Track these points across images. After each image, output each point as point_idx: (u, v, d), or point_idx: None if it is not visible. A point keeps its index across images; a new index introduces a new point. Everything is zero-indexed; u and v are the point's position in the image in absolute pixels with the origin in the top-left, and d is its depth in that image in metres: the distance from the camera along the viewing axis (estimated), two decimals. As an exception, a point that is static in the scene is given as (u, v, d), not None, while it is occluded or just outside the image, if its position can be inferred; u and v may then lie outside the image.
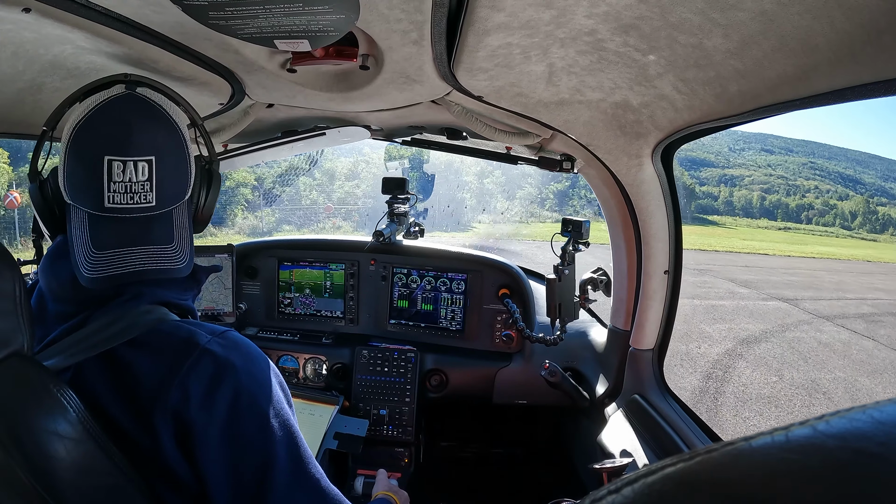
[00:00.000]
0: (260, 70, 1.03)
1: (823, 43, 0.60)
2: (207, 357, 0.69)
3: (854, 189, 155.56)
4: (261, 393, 0.71)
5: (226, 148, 1.79)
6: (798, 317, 10.36)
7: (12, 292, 0.62)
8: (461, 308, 2.01)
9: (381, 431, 1.87)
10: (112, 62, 0.97)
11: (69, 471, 0.61)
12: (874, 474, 0.17)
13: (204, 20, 0.76)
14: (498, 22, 0.75)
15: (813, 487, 0.17)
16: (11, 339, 0.61)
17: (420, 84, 1.08)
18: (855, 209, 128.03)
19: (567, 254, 1.66)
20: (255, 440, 0.69)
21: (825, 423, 0.19)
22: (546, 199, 41.34)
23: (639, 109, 1.07)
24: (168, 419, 0.66)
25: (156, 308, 0.74)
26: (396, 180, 1.99)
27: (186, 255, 0.74)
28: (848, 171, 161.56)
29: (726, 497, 0.19)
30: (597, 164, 1.44)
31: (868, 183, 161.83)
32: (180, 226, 0.75)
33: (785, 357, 7.52)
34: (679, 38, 0.73)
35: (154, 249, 0.72)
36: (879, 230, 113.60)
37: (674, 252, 1.46)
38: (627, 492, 0.21)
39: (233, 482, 0.68)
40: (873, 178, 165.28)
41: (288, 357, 1.99)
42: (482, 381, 1.94)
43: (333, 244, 2.11)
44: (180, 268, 0.73)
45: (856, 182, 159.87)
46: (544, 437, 2.32)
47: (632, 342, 1.62)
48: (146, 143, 0.72)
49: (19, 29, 0.79)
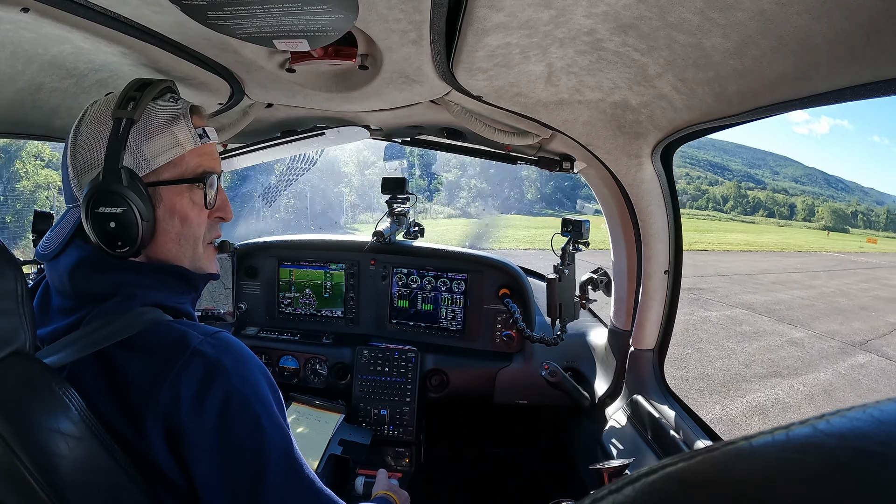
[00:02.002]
0: (259, 70, 1.03)
1: (822, 43, 0.60)
2: (198, 358, 0.68)
3: (722, 175, 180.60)
4: (252, 395, 0.70)
5: (225, 148, 1.79)
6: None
7: (14, 291, 0.62)
8: (461, 308, 2.01)
9: (382, 431, 1.87)
10: (111, 62, 0.97)
11: (72, 468, 0.61)
12: (875, 473, 0.17)
13: (203, 20, 0.76)
14: (497, 22, 0.75)
15: (813, 486, 0.17)
16: (13, 338, 0.62)
17: (419, 84, 1.08)
18: (726, 193, 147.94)
19: (567, 254, 1.66)
20: (247, 442, 0.68)
21: (825, 422, 0.19)
22: (435, 192, 36.95)
23: (638, 109, 1.07)
24: (159, 421, 0.66)
25: (150, 309, 0.74)
26: (396, 180, 1.99)
27: (52, 247, 0.77)
28: (716, 160, 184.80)
29: (727, 496, 0.19)
30: (596, 163, 1.44)
31: (735, 170, 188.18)
32: (67, 222, 0.78)
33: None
34: (678, 37, 0.73)
35: (46, 236, 0.80)
36: (751, 212, 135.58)
37: (674, 252, 1.46)
38: (629, 491, 0.21)
39: (225, 484, 0.67)
40: (740, 165, 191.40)
41: (288, 357, 1.99)
42: (483, 381, 1.94)
43: (334, 244, 2.11)
44: (43, 254, 0.77)
45: (724, 169, 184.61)
46: (545, 438, 2.32)
47: (632, 342, 1.62)
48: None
49: (18, 29, 0.79)
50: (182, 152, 0.78)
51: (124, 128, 0.73)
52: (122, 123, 0.73)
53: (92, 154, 0.75)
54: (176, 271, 0.80)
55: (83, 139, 0.75)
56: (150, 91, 0.76)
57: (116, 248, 0.74)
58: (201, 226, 0.83)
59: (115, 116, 0.73)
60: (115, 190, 0.72)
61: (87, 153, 0.75)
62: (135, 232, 0.74)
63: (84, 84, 1.05)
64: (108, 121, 0.74)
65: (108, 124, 0.74)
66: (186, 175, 0.80)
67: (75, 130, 0.76)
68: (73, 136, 0.76)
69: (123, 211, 0.72)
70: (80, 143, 0.75)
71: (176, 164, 0.78)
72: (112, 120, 0.74)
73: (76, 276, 0.73)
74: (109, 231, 0.73)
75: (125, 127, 0.73)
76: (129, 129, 0.74)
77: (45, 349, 0.69)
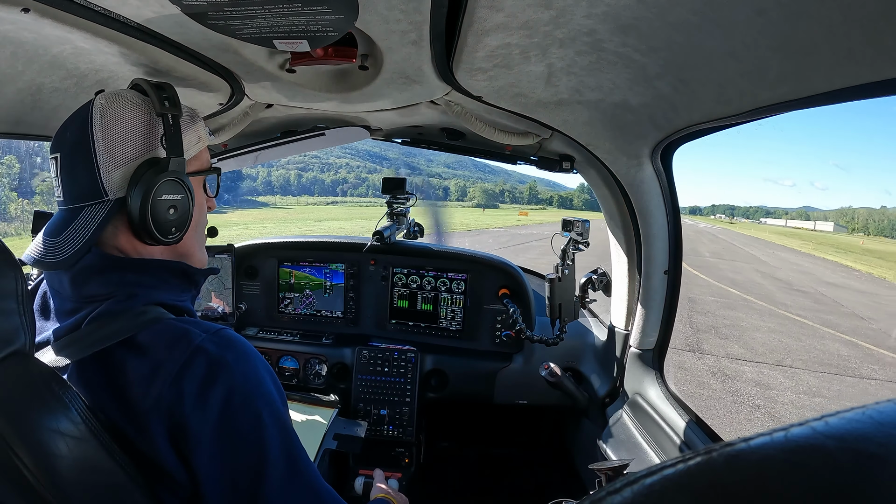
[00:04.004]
0: (259, 70, 1.03)
1: (822, 43, 0.60)
2: (201, 355, 0.68)
3: (381, 164, 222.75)
4: (255, 391, 0.71)
5: (225, 148, 1.79)
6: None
7: (14, 291, 0.62)
8: (461, 308, 2.01)
9: (382, 431, 1.87)
10: (111, 63, 0.97)
11: (72, 469, 0.61)
12: (873, 475, 0.17)
13: (203, 21, 0.76)
14: (497, 22, 0.75)
15: (812, 488, 0.17)
16: (14, 338, 0.62)
17: (419, 84, 1.08)
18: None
19: (567, 254, 1.66)
20: (249, 439, 0.69)
21: (824, 423, 0.19)
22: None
23: (638, 110, 1.06)
24: (162, 418, 0.66)
25: (151, 308, 0.74)
26: (396, 180, 1.99)
27: (69, 251, 0.72)
28: (375, 150, 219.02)
29: (726, 498, 0.19)
30: (596, 164, 1.44)
31: (393, 158, 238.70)
32: (84, 223, 0.73)
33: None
34: (678, 38, 0.73)
35: (45, 240, 0.74)
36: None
37: (673, 252, 1.46)
38: (627, 492, 0.21)
39: (227, 481, 0.67)
40: (397, 154, 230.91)
41: (288, 357, 1.99)
42: (482, 382, 1.94)
43: (334, 244, 2.11)
44: (51, 262, 0.72)
45: (383, 158, 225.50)
46: (545, 438, 2.32)
47: (632, 342, 1.62)
48: (57, 141, 0.76)
49: (18, 29, 0.79)
50: (203, 147, 0.88)
51: (174, 122, 0.78)
52: (170, 119, 0.78)
53: (130, 148, 0.75)
54: (177, 268, 0.81)
55: (117, 135, 0.74)
56: (172, 90, 0.81)
57: (169, 234, 0.78)
58: (206, 214, 0.91)
59: (160, 112, 0.77)
60: (180, 178, 0.78)
61: (124, 148, 0.75)
62: (187, 218, 0.81)
63: (84, 84, 1.05)
64: (145, 115, 0.77)
65: (145, 118, 0.77)
66: (204, 167, 0.89)
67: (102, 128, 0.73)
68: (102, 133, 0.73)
69: (182, 198, 0.79)
70: (115, 138, 0.74)
71: (198, 158, 0.87)
72: (157, 115, 0.77)
73: (77, 278, 0.73)
74: (169, 218, 0.77)
75: (174, 121, 0.78)
76: (178, 123, 0.79)
77: (46, 349, 0.69)
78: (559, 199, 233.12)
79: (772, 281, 15.46)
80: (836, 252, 37.02)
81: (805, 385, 5.87)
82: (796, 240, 53.71)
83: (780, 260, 24.71)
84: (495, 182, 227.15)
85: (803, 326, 8.99)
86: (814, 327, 9.03)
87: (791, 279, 16.79)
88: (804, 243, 46.84)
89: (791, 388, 5.76)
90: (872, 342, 8.37)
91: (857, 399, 5.48)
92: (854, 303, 12.90)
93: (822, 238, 71.65)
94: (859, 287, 16.99)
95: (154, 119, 0.78)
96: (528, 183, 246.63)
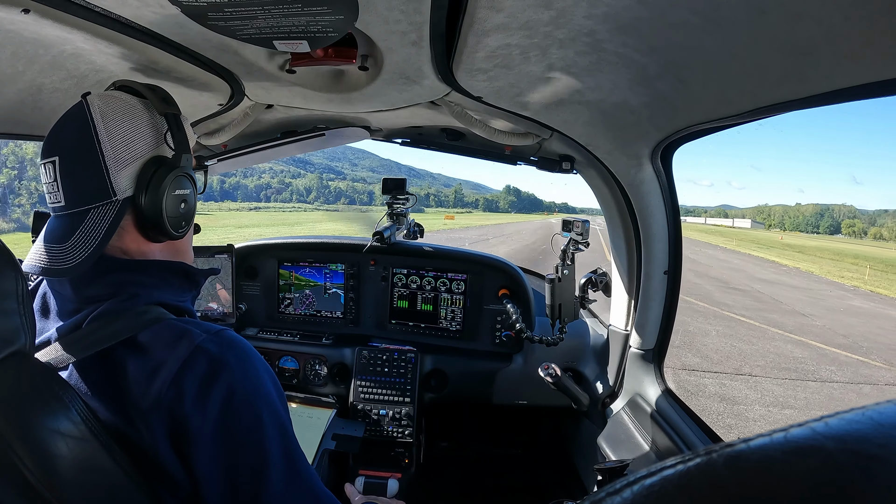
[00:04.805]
0: (259, 71, 1.03)
1: (822, 43, 0.60)
2: (202, 355, 0.69)
3: (305, 168, 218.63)
4: (255, 391, 0.71)
5: (226, 148, 1.79)
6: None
7: (15, 291, 0.62)
8: (461, 308, 2.01)
9: (382, 431, 1.87)
10: (112, 63, 0.97)
11: (71, 468, 0.61)
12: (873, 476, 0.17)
13: (203, 21, 0.76)
14: (497, 23, 0.75)
15: (811, 489, 0.17)
16: (14, 339, 0.62)
17: (419, 85, 1.08)
18: (309, 185, 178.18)
19: (567, 254, 1.66)
20: (249, 439, 0.69)
21: (824, 424, 0.19)
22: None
23: (638, 110, 1.06)
24: (162, 418, 0.66)
25: (152, 308, 0.74)
26: (396, 180, 1.99)
27: (80, 256, 0.70)
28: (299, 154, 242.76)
29: (725, 499, 0.19)
30: (596, 164, 1.44)
31: (317, 163, 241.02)
32: (92, 226, 0.72)
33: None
34: (678, 38, 0.73)
35: (49, 247, 0.71)
36: (333, 200, 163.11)
37: (673, 252, 1.46)
38: (627, 493, 0.21)
39: (227, 481, 0.67)
40: (321, 158, 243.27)
41: (288, 357, 1.99)
42: (482, 382, 1.94)
43: (334, 245, 2.11)
44: (63, 268, 0.69)
45: (306, 163, 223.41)
46: (544, 438, 2.32)
47: (632, 342, 1.62)
48: (52, 144, 0.75)
49: (19, 30, 0.79)
50: (193, 143, 0.88)
51: (178, 121, 0.80)
52: (173, 118, 0.79)
53: (135, 146, 0.75)
54: (179, 269, 0.81)
55: (123, 134, 0.74)
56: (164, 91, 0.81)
57: (179, 229, 0.80)
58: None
59: (163, 111, 0.78)
60: (190, 173, 0.81)
61: (129, 146, 0.75)
62: (194, 212, 0.83)
63: (85, 85, 1.05)
64: (146, 114, 0.78)
65: (147, 117, 0.78)
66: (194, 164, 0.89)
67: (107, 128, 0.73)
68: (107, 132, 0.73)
69: (190, 192, 0.81)
70: (121, 137, 0.74)
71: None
72: (160, 114, 0.79)
73: (79, 280, 0.73)
74: (181, 212, 0.79)
75: (177, 119, 0.79)
76: (180, 121, 0.80)
77: (47, 350, 0.69)
78: (485, 202, 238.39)
79: (708, 280, 15.40)
80: (759, 247, 37.39)
81: (771, 396, 5.59)
82: (719, 237, 54.13)
83: (709, 257, 24.66)
84: (420, 186, 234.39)
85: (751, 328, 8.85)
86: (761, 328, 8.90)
87: (725, 277, 16.78)
88: (727, 240, 47.71)
89: (758, 400, 5.44)
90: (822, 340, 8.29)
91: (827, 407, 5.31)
92: (792, 299, 12.94)
93: (742, 234, 72.77)
94: (791, 282, 17.10)
95: (156, 117, 0.78)
96: (453, 186, 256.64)
